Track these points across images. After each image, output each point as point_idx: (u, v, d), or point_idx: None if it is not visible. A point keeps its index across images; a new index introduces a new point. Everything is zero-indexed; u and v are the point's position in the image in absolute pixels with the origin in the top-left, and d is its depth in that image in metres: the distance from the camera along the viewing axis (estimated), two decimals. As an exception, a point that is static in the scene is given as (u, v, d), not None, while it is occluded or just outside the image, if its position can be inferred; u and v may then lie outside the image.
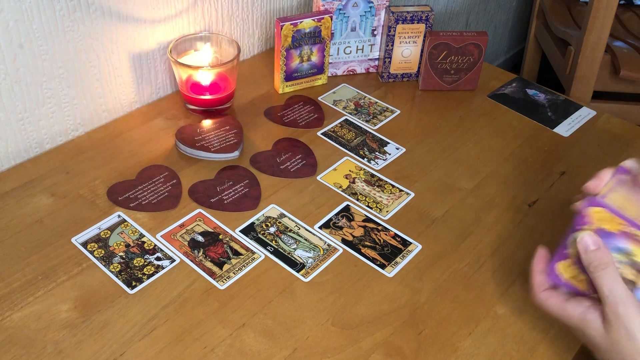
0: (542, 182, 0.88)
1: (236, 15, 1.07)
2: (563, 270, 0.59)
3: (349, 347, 0.65)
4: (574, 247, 0.58)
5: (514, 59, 2.31)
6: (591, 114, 1.02)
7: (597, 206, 0.58)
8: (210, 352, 0.64)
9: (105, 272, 0.71)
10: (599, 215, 0.57)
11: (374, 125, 0.97)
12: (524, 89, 1.08)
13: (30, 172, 0.84)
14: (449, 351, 0.66)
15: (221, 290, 0.70)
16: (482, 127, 0.98)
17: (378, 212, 0.81)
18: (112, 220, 0.78)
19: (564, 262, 0.59)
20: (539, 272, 0.61)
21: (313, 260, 0.74)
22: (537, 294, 0.60)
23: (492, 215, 0.82)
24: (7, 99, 0.82)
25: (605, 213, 0.57)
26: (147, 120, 0.95)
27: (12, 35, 0.79)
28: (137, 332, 0.65)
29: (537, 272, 0.61)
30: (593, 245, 0.56)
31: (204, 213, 0.79)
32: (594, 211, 0.58)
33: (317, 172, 0.87)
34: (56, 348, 0.63)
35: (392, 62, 1.05)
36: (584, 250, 0.56)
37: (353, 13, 1.03)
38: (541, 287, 0.60)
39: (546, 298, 0.59)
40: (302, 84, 1.04)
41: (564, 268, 0.59)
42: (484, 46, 1.01)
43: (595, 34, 1.51)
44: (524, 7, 2.15)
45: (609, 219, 0.57)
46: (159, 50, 0.97)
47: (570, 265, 0.59)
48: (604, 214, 0.57)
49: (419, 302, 0.70)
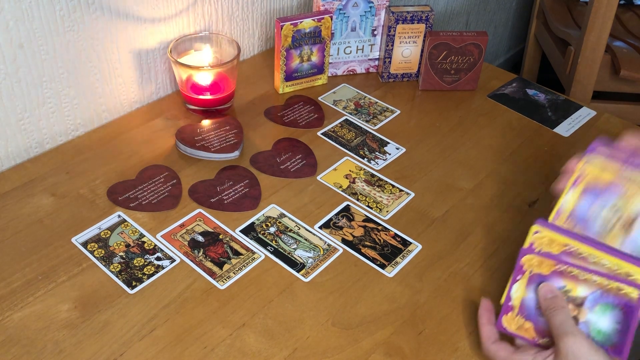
0: (542, 182, 0.88)
1: (236, 15, 1.07)
2: (507, 324, 0.63)
3: (349, 347, 0.65)
4: (517, 298, 0.62)
5: (514, 59, 2.31)
6: (591, 114, 1.02)
7: (527, 254, 0.62)
8: (210, 352, 0.64)
9: (105, 272, 0.71)
10: (531, 262, 0.62)
11: (374, 125, 0.97)
12: (524, 89, 1.08)
13: (30, 172, 0.84)
14: (449, 351, 0.66)
15: (221, 290, 0.70)
16: (482, 127, 0.98)
17: (378, 212, 0.81)
18: (112, 220, 0.78)
19: (508, 316, 0.63)
20: (486, 324, 0.64)
21: (313, 260, 0.74)
22: (487, 347, 0.63)
23: (492, 215, 0.82)
24: (7, 99, 0.82)
25: (536, 258, 0.62)
26: (147, 120, 0.95)
27: (12, 35, 0.79)
28: (137, 332, 0.65)
29: (484, 324, 0.64)
30: (550, 294, 0.61)
31: (204, 213, 0.79)
32: (527, 259, 0.62)
33: (317, 172, 0.87)
34: (56, 348, 0.63)
35: (392, 62, 1.05)
36: (543, 298, 0.61)
37: (353, 13, 1.03)
38: (490, 339, 0.63)
39: (495, 350, 0.62)
40: (302, 84, 1.04)
41: (508, 321, 0.63)
42: (484, 46, 1.01)
43: (595, 34, 1.51)
44: (524, 7, 2.15)
45: (539, 263, 0.61)
46: (159, 50, 0.97)
47: (514, 317, 0.63)
48: (535, 260, 0.62)
49: (419, 302, 0.71)
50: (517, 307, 0.62)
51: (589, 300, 0.60)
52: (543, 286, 0.61)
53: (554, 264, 0.61)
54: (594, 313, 0.59)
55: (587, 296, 0.60)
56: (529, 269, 0.62)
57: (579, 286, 0.60)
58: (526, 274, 0.62)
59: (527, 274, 0.62)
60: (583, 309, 0.60)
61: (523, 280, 0.62)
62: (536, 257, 0.62)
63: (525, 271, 0.62)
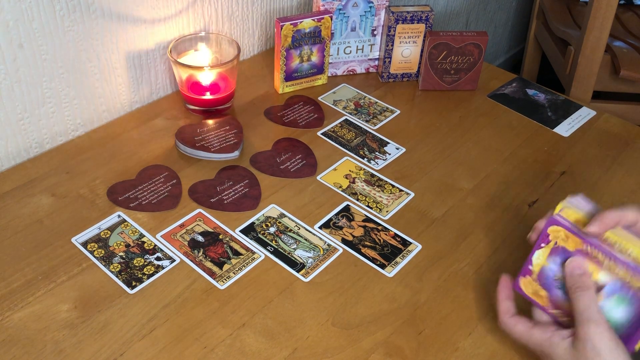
0: (542, 182, 0.88)
1: (236, 15, 1.07)
2: (524, 286, 0.63)
3: (349, 347, 0.65)
4: (537, 264, 0.62)
5: (514, 59, 2.31)
6: (591, 114, 1.02)
7: (556, 225, 0.61)
8: (210, 352, 0.64)
9: (105, 272, 0.71)
10: (557, 233, 0.61)
11: (374, 125, 0.97)
12: (524, 89, 1.08)
13: (30, 172, 0.84)
14: (449, 351, 0.66)
15: (221, 290, 0.70)
16: (482, 127, 0.98)
17: (378, 212, 0.81)
18: (112, 220, 0.78)
19: (526, 279, 0.63)
20: (505, 299, 0.63)
21: (313, 260, 0.74)
22: (504, 320, 0.62)
23: (492, 215, 0.82)
24: (7, 99, 0.82)
25: (563, 232, 0.60)
26: (147, 120, 0.95)
27: (12, 35, 0.79)
28: (137, 332, 0.65)
29: (503, 299, 0.64)
30: (579, 270, 0.59)
31: (204, 213, 0.79)
32: (554, 230, 0.61)
33: (317, 172, 0.87)
34: (56, 348, 0.63)
35: (392, 62, 1.05)
36: (570, 273, 0.59)
37: (353, 13, 1.03)
38: (508, 313, 0.62)
39: (513, 324, 0.61)
40: (302, 84, 1.04)
41: (525, 284, 0.63)
42: (484, 46, 1.01)
43: (595, 34, 1.51)
44: (524, 7, 2.15)
45: (566, 237, 0.60)
46: (159, 50, 0.97)
47: (532, 282, 0.62)
48: (562, 233, 0.60)
49: (419, 302, 0.71)
50: (535, 273, 0.62)
51: (608, 289, 0.58)
52: (572, 261, 0.59)
53: (581, 243, 0.59)
54: (610, 301, 0.58)
55: (607, 284, 0.58)
56: (555, 239, 0.60)
57: (601, 272, 0.58)
58: (550, 244, 0.61)
59: (551, 244, 0.61)
60: (600, 294, 0.58)
61: (547, 249, 0.61)
62: (563, 230, 0.60)
63: (550, 241, 0.61)
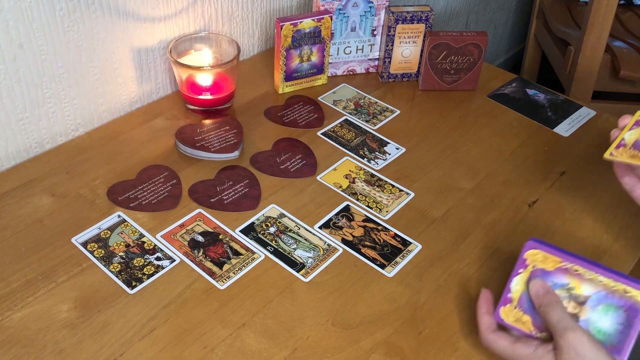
0: (542, 182, 0.88)
1: (236, 15, 1.07)
2: (505, 315, 0.62)
3: (349, 347, 0.65)
4: (516, 291, 0.62)
5: (514, 59, 2.31)
6: (591, 114, 1.02)
7: (531, 249, 0.62)
8: (210, 352, 0.64)
9: (105, 272, 0.71)
10: (535, 257, 0.62)
11: (374, 125, 0.97)
12: (524, 89, 1.08)
13: (30, 172, 0.84)
14: (449, 351, 0.66)
15: (221, 290, 0.70)
16: (482, 127, 0.98)
17: (378, 212, 0.81)
18: (112, 220, 0.78)
19: (506, 307, 0.62)
20: (485, 313, 0.63)
21: (313, 260, 0.74)
22: (485, 336, 0.62)
23: (492, 215, 0.82)
24: (7, 99, 0.82)
25: (541, 254, 0.62)
26: (147, 120, 0.95)
27: (12, 35, 0.79)
28: (137, 332, 0.65)
29: (483, 314, 0.63)
30: (542, 290, 0.61)
31: (204, 213, 0.79)
32: (530, 254, 0.62)
33: (317, 172, 0.87)
34: (56, 348, 0.63)
35: (392, 62, 1.05)
36: (535, 295, 0.61)
37: (353, 13, 1.03)
38: (489, 328, 0.62)
39: (495, 339, 0.61)
40: (302, 84, 1.04)
41: (506, 312, 0.62)
42: (484, 46, 1.01)
43: (595, 34, 1.51)
44: (524, 7, 2.15)
45: (544, 258, 0.62)
46: (159, 50, 0.97)
47: (512, 309, 0.62)
48: (540, 255, 0.62)
49: (419, 302, 0.71)
50: (515, 300, 0.62)
51: (592, 300, 0.59)
52: (534, 284, 0.61)
53: (560, 261, 0.61)
54: (596, 312, 0.59)
55: (591, 295, 0.60)
56: (532, 263, 0.62)
57: (584, 285, 0.60)
58: (528, 268, 0.62)
59: (529, 268, 0.62)
60: (585, 307, 0.60)
61: (525, 274, 0.62)
62: (541, 252, 0.61)
63: (528, 265, 0.62)
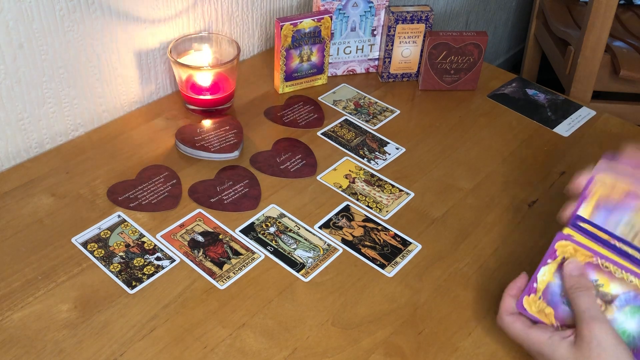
0: (542, 182, 0.88)
1: (236, 15, 1.07)
2: (528, 305, 0.61)
3: (349, 347, 0.65)
4: (542, 282, 0.61)
5: (514, 59, 2.31)
6: (591, 114, 1.02)
7: (563, 240, 0.61)
8: (210, 352, 0.64)
9: (105, 272, 0.71)
10: (565, 248, 0.61)
11: (373, 125, 0.97)
12: (523, 89, 1.08)
13: (30, 172, 0.84)
14: (449, 351, 0.66)
15: (221, 290, 0.70)
16: (482, 127, 0.98)
17: (378, 212, 0.81)
18: (112, 220, 0.78)
19: (530, 297, 0.62)
20: (510, 296, 0.63)
21: (313, 260, 0.74)
22: (502, 317, 0.62)
23: (492, 215, 0.82)
24: (7, 99, 0.82)
25: (572, 246, 0.61)
26: (147, 120, 0.95)
27: (12, 35, 0.79)
28: (137, 332, 0.65)
29: (508, 295, 0.63)
30: (576, 271, 0.59)
31: (204, 213, 0.79)
32: (561, 245, 0.61)
33: (317, 172, 0.87)
34: (56, 348, 0.63)
35: (392, 62, 1.05)
36: (569, 274, 0.59)
37: (353, 13, 1.03)
38: (508, 310, 0.62)
39: (511, 322, 0.61)
40: (302, 84, 1.04)
41: (529, 302, 0.61)
42: (484, 46, 1.01)
43: (595, 34, 1.51)
44: (524, 7, 2.15)
45: (575, 250, 0.60)
46: (159, 50, 0.97)
47: (536, 300, 0.61)
48: (570, 247, 0.60)
49: (419, 302, 0.71)
50: (540, 291, 0.61)
51: (620, 300, 0.58)
52: (570, 262, 0.59)
53: (590, 256, 0.59)
54: (623, 313, 0.58)
55: (619, 295, 0.58)
56: (562, 254, 0.60)
57: (613, 283, 0.58)
58: (557, 259, 0.61)
59: (558, 259, 0.61)
60: (612, 306, 0.58)
61: (553, 264, 0.61)
62: (572, 244, 0.60)
63: (558, 256, 0.61)
